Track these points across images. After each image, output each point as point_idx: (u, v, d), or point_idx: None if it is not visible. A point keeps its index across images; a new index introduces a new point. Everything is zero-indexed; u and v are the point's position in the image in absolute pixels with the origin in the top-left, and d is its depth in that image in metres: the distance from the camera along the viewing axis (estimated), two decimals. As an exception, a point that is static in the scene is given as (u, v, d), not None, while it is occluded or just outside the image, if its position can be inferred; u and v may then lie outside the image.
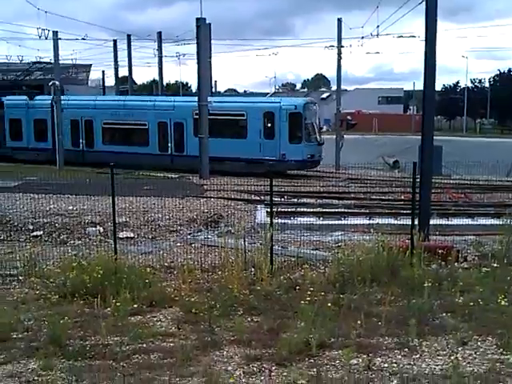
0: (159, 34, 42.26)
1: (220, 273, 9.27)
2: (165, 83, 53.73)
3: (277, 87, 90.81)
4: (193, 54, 27.08)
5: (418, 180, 12.14)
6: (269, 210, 11.57)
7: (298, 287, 8.40)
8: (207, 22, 25.27)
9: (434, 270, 9.62)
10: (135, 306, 7.64)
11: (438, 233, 14.17)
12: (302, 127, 26.74)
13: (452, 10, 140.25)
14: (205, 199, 16.82)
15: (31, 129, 31.01)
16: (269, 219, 10.82)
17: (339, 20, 34.29)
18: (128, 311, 7.34)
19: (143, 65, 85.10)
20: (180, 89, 64.98)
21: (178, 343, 6.31)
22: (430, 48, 12.36)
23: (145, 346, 6.41)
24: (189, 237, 13.18)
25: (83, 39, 34.73)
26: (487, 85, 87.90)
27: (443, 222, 15.72)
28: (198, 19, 24.68)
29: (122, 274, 8.55)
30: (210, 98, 27.15)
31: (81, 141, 29.88)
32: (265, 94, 45.78)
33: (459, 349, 5.61)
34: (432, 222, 14.54)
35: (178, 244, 12.44)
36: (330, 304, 7.28)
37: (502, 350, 5.48)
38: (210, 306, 7.38)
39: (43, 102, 30.62)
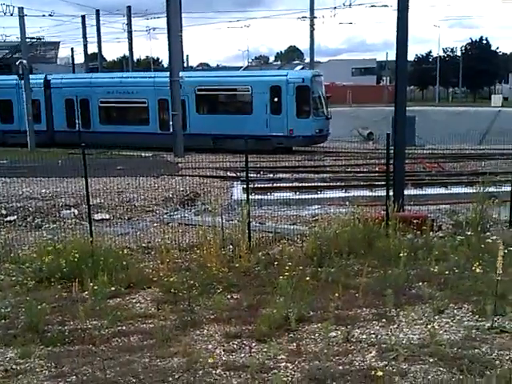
0: (128, 8, 41.60)
1: (198, 251, 9.24)
2: (135, 59, 52.95)
3: (250, 60, 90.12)
4: (163, 28, 26.76)
5: (392, 151, 12.23)
6: (245, 186, 11.55)
7: (276, 262, 8.41)
8: (177, -6, 24.86)
9: (409, 239, 9.72)
10: (113, 288, 7.56)
11: (412, 203, 14.36)
12: (309, 101, 25.65)
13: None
14: (180, 177, 16.73)
15: (23, 110, 28.82)
16: (246, 196, 10.80)
17: (315, -11, 34.08)
18: (106, 294, 7.28)
19: (113, 40, 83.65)
20: (151, 64, 64.04)
21: (158, 324, 6.29)
22: (401, 17, 12.30)
23: (124, 328, 6.38)
24: (165, 216, 13.11)
25: (50, 15, 33.99)
26: (459, 54, 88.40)
27: (418, 192, 15.93)
28: (167, -9, 24.31)
29: (98, 257, 8.46)
30: (212, 73, 26.70)
31: (76, 121, 28.49)
32: (238, 68, 45.25)
33: (436, 317, 5.71)
34: (407, 192, 14.69)
35: (155, 224, 12.38)
36: (308, 278, 7.33)
37: (477, 316, 5.58)
38: (188, 286, 7.36)
39: (35, 82, 28.94)
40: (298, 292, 6.68)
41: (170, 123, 25.70)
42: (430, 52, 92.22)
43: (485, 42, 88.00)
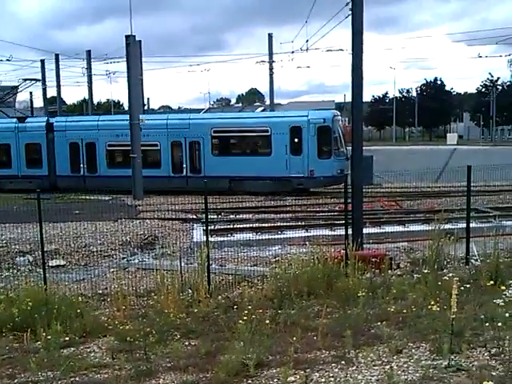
0: (88, 52, 41.72)
1: (156, 297, 9.06)
2: (96, 102, 52.76)
3: (211, 103, 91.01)
4: (123, 72, 26.62)
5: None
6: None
7: (235, 306, 8.31)
8: (138, 39, 25.17)
9: (368, 278, 9.79)
10: (67, 337, 7.32)
11: (372, 241, 14.52)
12: (331, 141, 25.50)
13: (379, 22, 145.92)
14: (139, 221, 16.54)
15: (22, 154, 27.98)
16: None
17: (270, 35, 34.95)
18: (60, 344, 7.02)
19: (73, 84, 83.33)
20: (111, 107, 63.98)
21: (113, 374, 6.08)
22: (356, 61, 12.72)
23: (77, 379, 6.13)
24: (123, 261, 12.88)
25: (8, 60, 33.70)
26: (415, 94, 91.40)
27: (377, 230, 16.13)
28: (127, 36, 24.58)
29: (52, 305, 8.21)
30: (229, 114, 25.94)
31: (81, 165, 27.36)
32: (199, 110, 45.58)
33: (394, 357, 5.67)
34: (366, 230, 14.89)
35: (112, 269, 12.13)
36: (267, 321, 7.24)
37: (434, 355, 5.57)
38: (145, 333, 7.16)
39: (36, 125, 28.21)
40: (257, 336, 6.58)
41: (184, 166, 25.79)
42: (387, 93, 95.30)
43: (439, 82, 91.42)
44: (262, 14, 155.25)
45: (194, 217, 17.69)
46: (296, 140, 25.31)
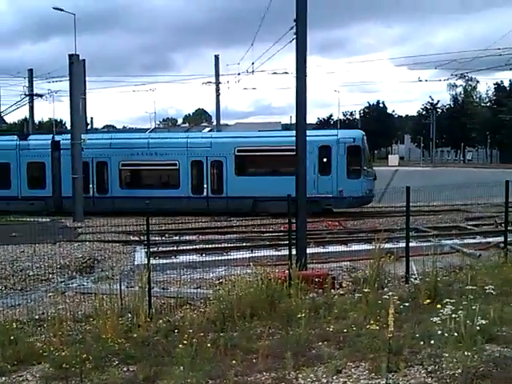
0: (30, 70, 40.79)
1: (94, 322, 8.78)
2: (38, 121, 51.46)
3: (157, 122, 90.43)
4: (67, 91, 25.97)
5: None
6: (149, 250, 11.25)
7: (177, 330, 8.14)
8: (83, 58, 24.92)
9: (311, 298, 9.83)
10: (-1, 366, 6.98)
11: (315, 261, 14.64)
12: (360, 161, 25.28)
13: (325, 45, 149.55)
14: (79, 243, 16.10)
15: (23, 174, 26.05)
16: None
17: (216, 57, 35.18)
18: (-10, 373, 6.68)
19: (14, 103, 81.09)
20: (54, 126, 62.64)
21: (45, 404, 5.81)
22: (300, 83, 12.93)
23: (7, 411, 5.84)
24: (61, 285, 12.46)
25: None
26: (358, 116, 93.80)
27: (320, 250, 16.29)
28: (70, 55, 24.37)
29: (-17, 333, 7.84)
30: (253, 133, 26.17)
31: (90, 186, 25.80)
32: (145, 130, 45.10)
33: (334, 377, 5.68)
34: (310, 250, 15.01)
35: (50, 294, 11.70)
36: (209, 344, 7.13)
37: (373, 374, 5.61)
38: (81, 359, 6.91)
39: (40, 143, 26.44)
40: (197, 360, 6.46)
41: (204, 186, 24.82)
42: (331, 115, 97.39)
43: (381, 105, 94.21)
44: (209, 36, 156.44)
45: (137, 239, 17.36)
46: (325, 159, 25.02)
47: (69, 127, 28.65)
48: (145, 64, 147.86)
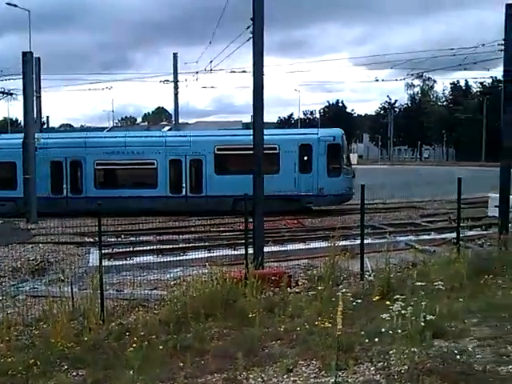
0: (-20, 69, 39.53)
1: (45, 326, 8.56)
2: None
3: (116, 121, 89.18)
4: (21, 89, 25.21)
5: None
6: (103, 252, 11.05)
7: (129, 332, 8.00)
8: (37, 55, 24.27)
9: (267, 297, 9.83)
10: None
11: (274, 259, 14.65)
12: (340, 159, 25.47)
13: (285, 45, 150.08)
14: (32, 245, 15.69)
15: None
16: (103, 262, 10.31)
17: (175, 55, 34.80)
18: None
19: (-34, 103, 78.80)
20: (8, 125, 61.09)
21: (-12, 413, 5.62)
22: (257, 82, 12.92)
23: None
24: (12, 288, 12.11)
25: None
26: (318, 115, 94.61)
27: (279, 248, 16.31)
28: (24, 53, 23.77)
29: None
30: (234, 131, 26.46)
31: (64, 186, 25.10)
32: (103, 129, 44.38)
33: (284, 377, 5.66)
34: (268, 249, 15.02)
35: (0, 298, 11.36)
36: (161, 347, 7.04)
37: (323, 372, 5.62)
38: (28, 365, 6.73)
39: (11, 142, 25.34)
40: (148, 363, 6.36)
41: (183, 185, 24.35)
42: (292, 114, 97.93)
43: (341, 104, 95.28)
44: (169, 33, 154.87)
45: (91, 240, 17.02)
46: (305, 158, 25.07)
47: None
48: (103, 62, 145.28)
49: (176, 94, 35.37)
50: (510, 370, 5.01)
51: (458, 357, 5.35)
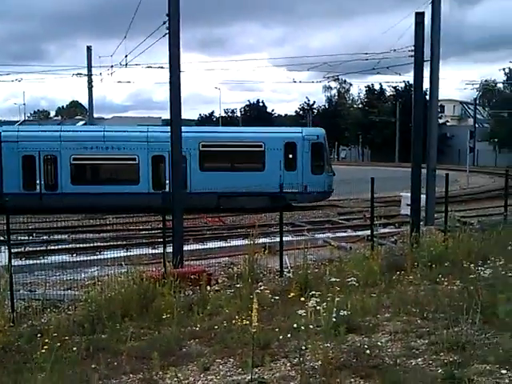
0: None
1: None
2: None
3: (28, 115, 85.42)
4: None
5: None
6: (14, 251, 10.58)
7: (41, 334, 7.67)
8: None
9: (186, 296, 9.75)
10: None
11: (194, 258, 14.58)
12: (323, 157, 26.10)
13: (206, 42, 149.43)
14: None
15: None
16: (13, 261, 9.86)
17: (88, 48, 33.83)
18: None
19: None
20: None
21: None
22: (174, 78, 12.76)
23: None
24: None
25: None
26: (239, 114, 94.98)
27: (199, 246, 16.22)
28: None
29: None
30: (219, 128, 28.06)
31: (38, 181, 23.82)
32: (15, 122, 42.29)
33: (201, 375, 5.63)
34: (189, 247, 14.91)
35: None
36: (74, 348, 6.80)
37: (240, 369, 5.64)
38: None
39: None
40: (60, 365, 6.13)
41: (166, 182, 23.05)
42: (213, 112, 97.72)
43: (261, 104, 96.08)
44: (84, 26, 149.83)
45: (1, 238, 16.17)
46: (290, 156, 25.51)
47: None
48: (14, 53, 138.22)
49: (90, 88, 34.39)
50: (419, 363, 5.23)
51: (370, 351, 5.51)
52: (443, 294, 7.62)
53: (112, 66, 28.32)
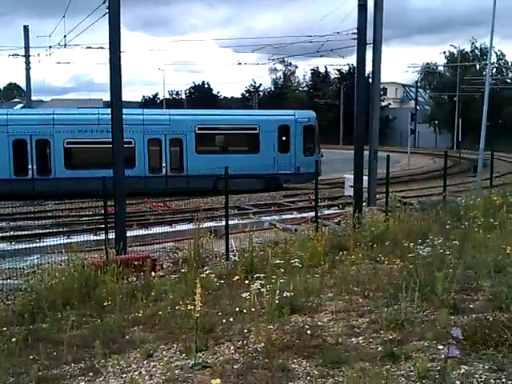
0: None
1: None
2: None
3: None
4: None
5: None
6: None
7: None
8: None
9: (130, 282, 9.59)
10: None
11: (139, 243, 14.39)
12: (314, 139, 27.11)
13: (150, 22, 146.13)
14: None
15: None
16: None
17: (26, 27, 32.63)
18: None
19: None
20: None
21: None
22: (114, 59, 12.46)
23: None
24: None
25: None
26: (184, 96, 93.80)
27: (144, 232, 16.04)
28: None
29: None
30: (214, 111, 27.26)
31: (29, 166, 23.22)
32: None
33: (144, 362, 5.55)
34: (133, 233, 14.72)
35: None
36: (13, 339, 6.58)
37: (184, 355, 5.59)
38: None
39: None
40: (-1, 357, 5.93)
41: (163, 165, 24.43)
42: (157, 94, 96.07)
43: (206, 86, 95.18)
44: (21, 4, 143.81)
45: None
46: (284, 138, 26.47)
47: None
48: None
49: (28, 70, 33.19)
50: (360, 341, 5.32)
51: (312, 331, 5.57)
52: (384, 272, 7.78)
53: (50, 47, 27.41)
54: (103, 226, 15.07)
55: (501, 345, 4.67)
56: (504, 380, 4.18)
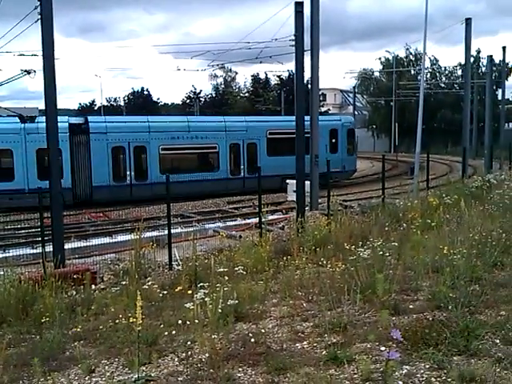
0: None
1: None
2: None
3: None
4: None
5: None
6: None
7: None
8: None
9: (69, 297, 9.29)
10: None
11: (77, 256, 13.98)
12: (355, 141, 32.21)
13: (86, 28, 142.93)
14: None
15: (31, 162, 22.31)
16: None
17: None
18: None
19: None
20: None
21: None
22: (48, 64, 12.08)
23: None
24: None
25: None
26: (122, 103, 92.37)
27: (83, 244, 15.62)
28: None
29: None
30: (280, 118, 31.63)
31: (128, 172, 24.65)
32: None
33: (86, 378, 5.38)
34: (71, 245, 14.29)
35: None
36: None
37: (127, 369, 5.45)
38: None
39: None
40: None
41: (241, 167, 27.46)
42: (94, 101, 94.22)
43: (146, 92, 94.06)
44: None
45: None
46: (333, 140, 30.90)
47: None
48: None
49: (-40, 79, 31.82)
50: (304, 346, 5.34)
51: (257, 338, 5.54)
52: (327, 276, 7.86)
53: (-23, 54, 26.26)
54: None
55: (440, 343, 4.79)
56: (444, 378, 4.28)
